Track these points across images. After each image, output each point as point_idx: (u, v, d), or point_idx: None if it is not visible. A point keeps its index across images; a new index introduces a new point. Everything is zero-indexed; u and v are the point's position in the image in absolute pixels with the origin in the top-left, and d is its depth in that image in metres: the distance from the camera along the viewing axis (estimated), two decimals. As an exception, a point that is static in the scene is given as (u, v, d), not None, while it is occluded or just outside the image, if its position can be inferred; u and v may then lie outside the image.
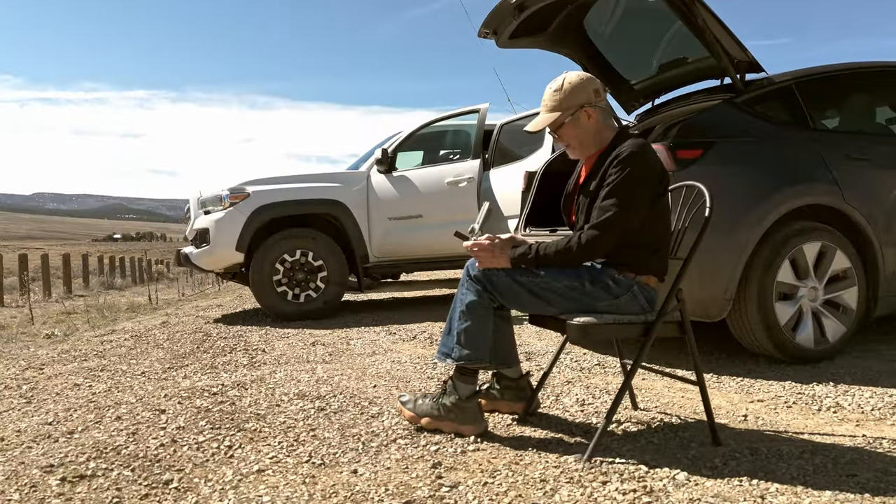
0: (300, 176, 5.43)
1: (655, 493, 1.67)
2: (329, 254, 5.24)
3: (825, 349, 3.12)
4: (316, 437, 2.20)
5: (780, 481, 1.74)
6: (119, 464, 1.99)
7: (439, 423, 2.16)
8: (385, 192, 5.42)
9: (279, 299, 5.20)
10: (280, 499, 1.70)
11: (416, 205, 5.40)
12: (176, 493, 1.78)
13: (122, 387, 3.09)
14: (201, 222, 5.29)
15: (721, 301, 3.02)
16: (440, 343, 2.20)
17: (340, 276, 5.28)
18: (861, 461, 1.87)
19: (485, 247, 2.08)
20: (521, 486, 1.74)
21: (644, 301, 2.01)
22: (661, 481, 1.75)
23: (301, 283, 5.23)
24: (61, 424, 2.47)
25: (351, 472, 1.88)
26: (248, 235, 5.13)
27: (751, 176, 3.07)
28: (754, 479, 1.75)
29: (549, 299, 2.04)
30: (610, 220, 1.92)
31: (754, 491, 1.67)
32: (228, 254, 5.17)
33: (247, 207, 5.15)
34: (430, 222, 5.36)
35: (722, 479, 1.75)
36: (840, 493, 1.66)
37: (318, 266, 5.25)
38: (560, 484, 1.75)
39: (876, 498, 1.62)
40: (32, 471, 1.95)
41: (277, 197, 5.23)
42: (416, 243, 5.43)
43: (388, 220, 5.42)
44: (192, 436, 2.25)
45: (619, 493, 1.67)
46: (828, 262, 3.12)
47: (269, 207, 5.19)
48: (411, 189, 5.42)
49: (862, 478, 1.75)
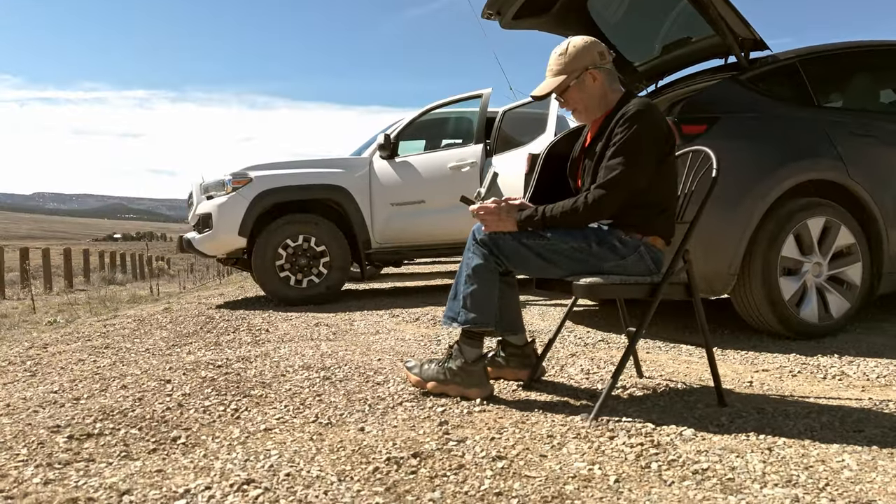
0: (303, 161, 5.43)
1: (663, 447, 1.67)
2: (331, 239, 5.24)
3: (829, 325, 3.12)
4: (322, 401, 2.20)
5: (787, 436, 1.74)
6: (126, 424, 1.99)
7: (445, 386, 2.17)
8: (387, 177, 5.42)
9: (282, 284, 5.20)
10: (287, 452, 1.70)
11: (418, 190, 5.40)
12: (184, 447, 1.78)
13: (126, 361, 3.09)
14: (204, 207, 5.29)
15: (725, 276, 3.02)
16: (446, 308, 2.21)
17: (343, 262, 5.28)
18: (868, 420, 1.87)
19: (491, 210, 2.08)
20: (528, 440, 1.74)
21: (650, 262, 2.02)
22: (668, 436, 1.75)
23: (304, 269, 5.23)
24: (67, 393, 2.47)
25: (358, 429, 1.88)
26: (250, 220, 5.13)
27: (755, 151, 3.07)
28: (761, 434, 1.75)
29: (556, 261, 2.04)
30: (616, 178, 1.92)
31: (762, 444, 1.67)
32: (231, 238, 5.17)
33: (249, 192, 5.15)
34: (433, 208, 5.36)
35: (729, 435, 1.76)
36: (848, 445, 1.66)
37: (320, 251, 5.25)
38: (567, 439, 1.75)
39: (884, 450, 1.62)
40: (39, 431, 1.95)
41: (280, 182, 5.23)
42: (419, 229, 5.43)
43: (390, 206, 5.42)
44: (199, 401, 2.25)
45: (626, 446, 1.67)
46: (832, 237, 3.12)
47: (272, 192, 5.19)
48: (414, 174, 5.42)
49: (869, 433, 1.75)
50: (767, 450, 1.64)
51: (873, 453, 1.60)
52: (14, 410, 2.23)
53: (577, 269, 2.02)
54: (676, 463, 1.56)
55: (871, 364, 2.55)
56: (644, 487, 1.42)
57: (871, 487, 1.39)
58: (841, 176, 3.13)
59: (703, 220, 2.69)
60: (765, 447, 1.65)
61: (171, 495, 1.43)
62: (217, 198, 5.23)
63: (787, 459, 1.57)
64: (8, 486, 1.51)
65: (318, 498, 1.40)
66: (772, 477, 1.46)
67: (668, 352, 2.95)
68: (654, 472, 1.51)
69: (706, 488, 1.41)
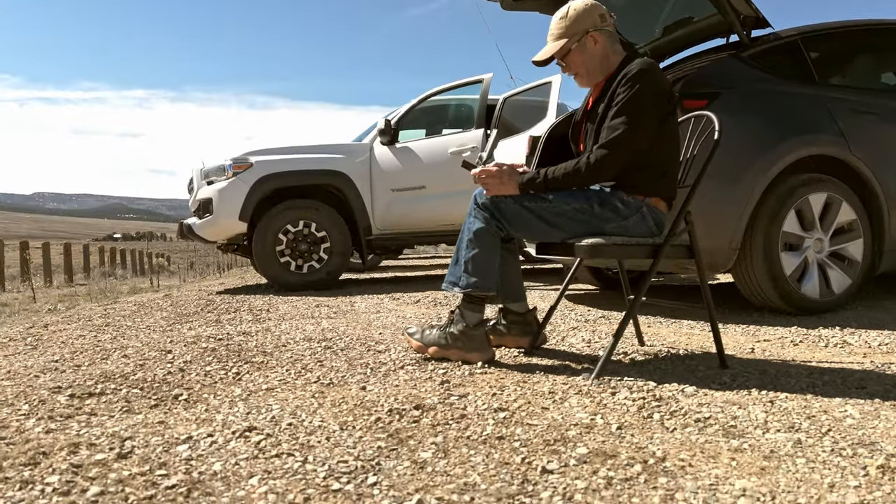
0: (303, 147, 5.42)
1: (665, 400, 1.67)
2: (332, 225, 5.23)
3: (830, 300, 3.12)
4: (323, 366, 2.20)
5: (789, 391, 1.74)
6: (127, 385, 1.99)
7: (446, 351, 2.16)
8: (388, 163, 5.42)
9: (282, 270, 5.19)
10: (289, 407, 1.69)
11: (419, 176, 5.39)
12: (186, 403, 1.77)
13: (127, 335, 3.09)
14: (204, 192, 5.29)
15: (727, 251, 3.02)
16: (447, 273, 2.20)
17: (343, 247, 5.27)
18: (870, 379, 1.87)
19: (493, 173, 2.08)
20: (529, 396, 1.74)
21: (653, 223, 2.01)
22: (670, 392, 1.75)
23: (304, 254, 5.22)
24: (67, 361, 2.46)
25: (360, 388, 1.88)
26: (251, 205, 5.12)
27: (756, 126, 3.07)
28: (763, 390, 1.75)
29: (558, 224, 2.03)
30: (619, 138, 1.92)
31: (764, 398, 1.67)
32: (232, 223, 5.16)
33: (250, 177, 5.15)
34: (434, 193, 5.35)
35: (731, 391, 1.76)
36: (850, 399, 1.66)
37: (321, 237, 5.24)
38: (569, 395, 1.74)
39: (887, 402, 1.62)
40: (41, 391, 1.94)
41: (280, 167, 5.22)
42: (420, 215, 5.42)
43: (391, 192, 5.41)
44: (200, 367, 2.25)
45: (628, 400, 1.67)
46: (833, 213, 3.12)
47: (273, 177, 5.19)
48: (414, 160, 5.41)
49: (871, 389, 1.75)
50: (769, 402, 1.63)
51: (876, 405, 1.60)
52: (16, 375, 2.23)
53: (579, 231, 2.01)
54: (678, 413, 1.56)
55: (872, 334, 2.55)
56: (646, 433, 1.42)
57: (873, 432, 1.39)
58: (842, 152, 3.12)
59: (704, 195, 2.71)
60: (767, 400, 1.65)
61: (174, 441, 1.43)
62: (217, 183, 5.22)
63: (790, 410, 1.57)
64: (9, 435, 1.51)
65: (320, 443, 1.40)
66: (774, 424, 1.46)
67: (669, 326, 2.95)
68: (656, 421, 1.50)
69: (708, 434, 1.41)
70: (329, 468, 1.24)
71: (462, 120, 5.82)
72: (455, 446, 1.35)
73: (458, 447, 1.35)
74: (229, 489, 1.15)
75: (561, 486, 1.14)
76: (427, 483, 1.16)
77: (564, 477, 1.17)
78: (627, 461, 1.24)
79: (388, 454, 1.31)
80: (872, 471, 1.17)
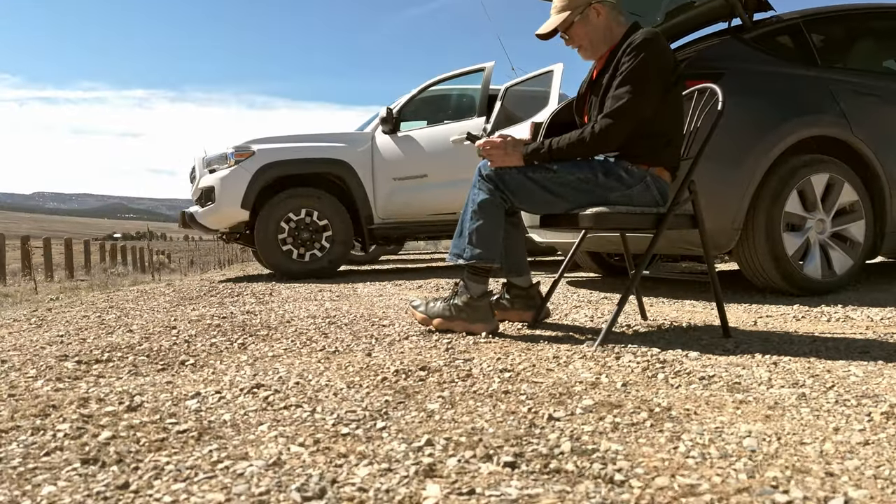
0: (306, 135, 5.42)
1: (669, 362, 1.68)
2: (334, 213, 5.24)
3: (832, 281, 3.13)
4: (328, 337, 2.21)
5: (792, 355, 1.75)
6: (134, 354, 2.00)
7: (451, 323, 2.17)
8: (390, 152, 5.43)
9: (284, 258, 5.20)
10: (296, 370, 1.70)
11: (420, 164, 5.40)
12: (192, 367, 1.78)
13: (131, 315, 3.10)
14: (206, 181, 5.29)
15: (729, 231, 3.02)
16: (451, 245, 2.21)
17: (345, 236, 5.28)
18: (873, 346, 1.88)
19: (497, 144, 2.08)
20: (534, 360, 1.75)
21: (657, 193, 2.02)
22: (674, 356, 1.76)
23: (306, 243, 5.23)
24: (73, 336, 2.47)
25: (365, 355, 1.89)
26: (253, 193, 5.13)
27: (758, 106, 3.07)
28: (766, 354, 1.76)
29: (562, 194, 2.04)
30: (623, 107, 1.93)
31: (767, 361, 1.68)
32: (234, 211, 5.17)
33: (252, 165, 5.15)
34: (435, 181, 5.36)
35: (735, 356, 1.76)
36: (853, 361, 1.66)
37: (323, 225, 5.25)
38: (573, 359, 1.75)
39: (890, 364, 1.63)
40: (48, 359, 1.95)
41: (282, 155, 5.23)
42: (422, 203, 5.43)
43: (392, 181, 5.42)
44: (205, 339, 2.26)
45: (632, 362, 1.68)
46: (835, 194, 3.12)
47: (274, 166, 5.19)
48: (416, 149, 5.42)
49: (874, 354, 1.76)
50: (773, 364, 1.64)
51: (879, 366, 1.61)
52: (21, 347, 2.24)
53: (584, 200, 2.02)
54: (683, 373, 1.57)
55: (874, 310, 2.56)
56: (651, 389, 1.43)
57: (877, 387, 1.40)
58: (844, 132, 3.13)
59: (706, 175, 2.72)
60: (770, 363, 1.66)
61: (182, 397, 1.44)
62: (220, 171, 5.23)
63: (793, 370, 1.58)
64: (19, 393, 1.52)
65: (327, 398, 1.41)
66: (778, 381, 1.47)
67: (671, 304, 2.96)
68: (660, 380, 1.51)
69: (713, 389, 1.42)
70: (338, 417, 1.25)
71: (464, 109, 5.82)
72: (462, 399, 1.37)
73: (464, 400, 1.36)
74: (239, 434, 1.16)
75: (568, 429, 1.15)
76: (435, 428, 1.17)
77: (571, 423, 1.19)
78: (633, 410, 1.25)
79: (396, 406, 1.32)
80: (877, 416, 1.18)
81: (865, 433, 1.10)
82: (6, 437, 1.17)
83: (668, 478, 0.91)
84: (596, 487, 0.89)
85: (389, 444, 1.08)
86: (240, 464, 1.00)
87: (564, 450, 1.03)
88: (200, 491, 0.90)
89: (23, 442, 1.14)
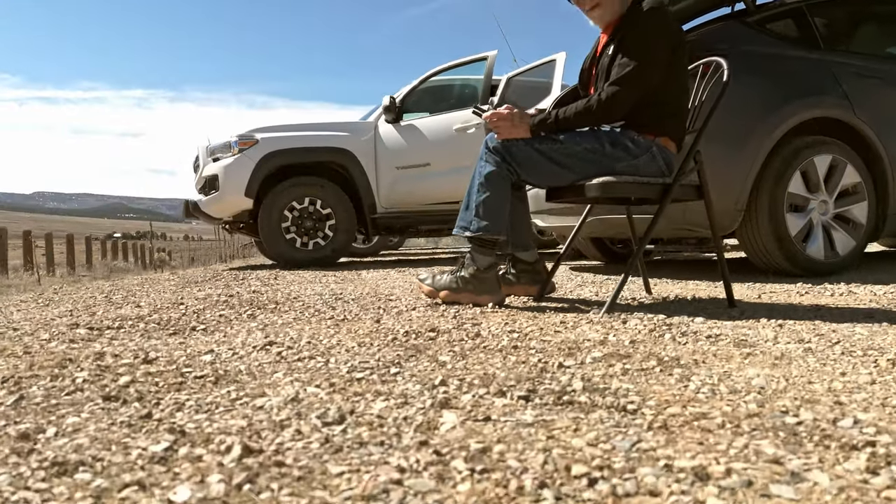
0: (309, 124, 5.44)
1: (675, 325, 1.70)
2: (337, 202, 5.25)
3: (835, 262, 3.14)
4: (335, 309, 2.23)
5: (797, 319, 1.77)
6: (144, 322, 2.02)
7: (457, 295, 2.19)
8: (393, 141, 5.44)
9: (288, 246, 5.21)
10: (307, 334, 1.72)
11: (423, 153, 5.41)
12: (203, 332, 1.80)
13: (138, 295, 3.12)
14: (210, 169, 5.31)
15: (732, 212, 3.04)
16: (458, 219, 2.22)
17: (348, 225, 5.29)
18: (877, 313, 1.90)
19: (504, 116, 2.10)
20: (542, 325, 1.77)
21: (663, 163, 2.04)
22: (681, 320, 1.78)
23: (310, 231, 5.24)
24: (82, 311, 2.49)
25: (374, 322, 1.91)
26: (256, 181, 5.13)
27: (761, 88, 3.09)
28: (772, 319, 1.78)
29: (569, 165, 2.06)
30: (630, 74, 1.95)
31: (773, 324, 1.70)
32: (237, 200, 5.18)
33: (256, 153, 5.16)
34: (438, 170, 5.37)
35: (740, 321, 1.78)
36: (858, 324, 1.69)
37: (326, 214, 5.26)
38: (580, 324, 1.77)
39: (894, 325, 1.64)
40: (60, 327, 1.97)
41: (286, 144, 5.24)
42: (424, 192, 5.43)
43: (395, 170, 5.43)
44: (214, 312, 2.27)
45: (639, 325, 1.70)
46: (838, 176, 3.14)
47: (278, 154, 5.20)
48: (419, 137, 5.43)
49: (879, 318, 1.78)
50: (779, 326, 1.66)
51: (884, 327, 1.63)
52: (33, 319, 2.26)
53: (590, 171, 2.04)
54: (689, 333, 1.58)
55: (878, 286, 2.57)
56: (659, 346, 1.45)
57: (883, 342, 1.42)
58: (846, 114, 3.15)
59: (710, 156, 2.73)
60: (776, 325, 1.68)
61: (196, 353, 1.46)
62: (223, 159, 5.24)
63: (798, 330, 1.60)
64: (35, 351, 1.54)
65: (340, 353, 1.43)
66: (784, 339, 1.49)
67: (676, 283, 2.98)
68: (668, 339, 1.53)
69: (720, 345, 1.44)
70: (351, 366, 1.27)
71: (466, 99, 5.83)
72: (472, 353, 1.39)
73: (475, 353, 1.38)
74: (255, 379, 1.18)
75: (579, 373, 1.17)
76: (448, 373, 1.19)
77: (581, 369, 1.20)
78: (642, 360, 1.27)
79: (408, 359, 1.34)
80: (883, 363, 1.20)
81: (872, 375, 1.12)
82: (26, 382, 1.19)
83: (680, 408, 0.93)
84: (609, 415, 0.91)
85: (404, 386, 1.10)
86: (258, 400, 1.02)
87: (576, 388, 1.05)
88: (223, 419, 0.92)
89: (43, 386, 1.15)
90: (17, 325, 2.03)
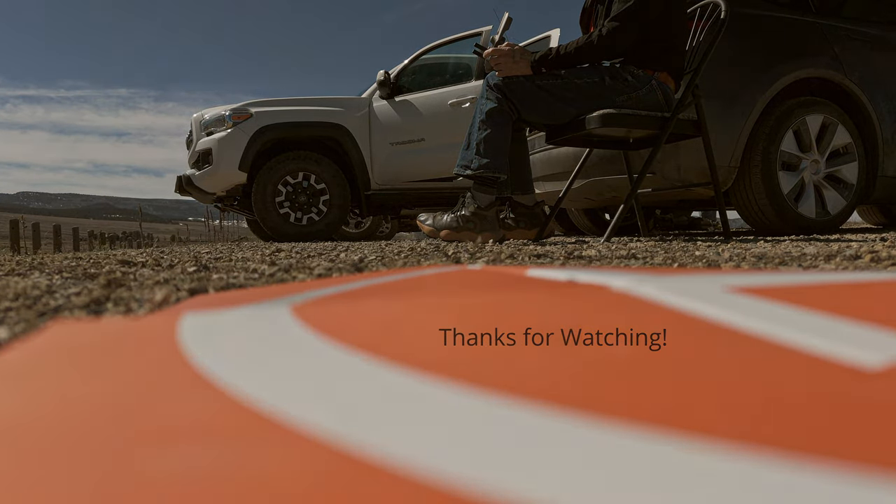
0: (304, 99, 5.44)
1: (678, 243, 1.73)
2: (331, 177, 5.25)
3: (826, 220, 3.20)
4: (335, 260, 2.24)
5: (790, 243, 1.81)
6: (150, 265, 2.02)
7: (458, 233, 2.21)
8: (387, 116, 5.45)
9: (281, 220, 5.20)
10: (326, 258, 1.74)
11: (418, 128, 5.42)
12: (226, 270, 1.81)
13: (138, 258, 3.12)
14: (204, 143, 5.29)
15: (726, 169, 3.08)
16: (459, 158, 2.25)
17: (342, 200, 5.29)
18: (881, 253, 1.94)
19: (505, 53, 2.13)
20: (544, 251, 1.80)
21: (661, 97, 2.07)
22: (682, 244, 1.81)
23: (303, 206, 5.24)
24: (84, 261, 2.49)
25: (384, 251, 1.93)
26: (250, 155, 5.13)
27: (755, 47, 3.13)
28: (767, 243, 1.82)
29: (570, 99, 2.09)
30: (630, 9, 1.98)
31: (768, 242, 1.74)
32: (231, 174, 5.17)
33: (249, 127, 5.16)
34: (433, 145, 5.38)
35: (736, 244, 1.82)
36: (852, 244, 1.72)
37: (320, 189, 5.26)
38: (581, 248, 1.80)
39: (884, 245, 1.69)
40: (63, 271, 1.97)
41: (280, 118, 5.24)
42: (419, 167, 5.44)
43: (390, 146, 5.43)
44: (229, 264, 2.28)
45: (640, 245, 1.73)
46: (829, 136, 3.19)
47: (272, 128, 5.20)
48: (414, 113, 5.44)
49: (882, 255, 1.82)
50: (775, 242, 1.70)
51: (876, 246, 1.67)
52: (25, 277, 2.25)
53: (591, 106, 2.07)
54: (692, 245, 1.62)
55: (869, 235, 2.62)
56: (669, 250, 1.48)
57: (877, 252, 1.46)
58: (838, 75, 3.20)
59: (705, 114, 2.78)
60: (771, 242, 1.72)
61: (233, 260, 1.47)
62: (217, 133, 5.23)
63: (794, 244, 1.63)
64: (49, 268, 1.54)
65: (346, 256, 1.44)
66: (781, 248, 1.53)
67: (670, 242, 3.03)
68: (674, 246, 1.56)
69: (724, 247, 1.47)
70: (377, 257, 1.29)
71: (461, 74, 5.84)
72: (479, 255, 1.41)
73: (482, 256, 1.40)
74: (299, 263, 1.20)
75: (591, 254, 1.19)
76: (462, 256, 1.21)
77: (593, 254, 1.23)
78: (653, 246, 1.30)
79: (420, 259, 1.37)
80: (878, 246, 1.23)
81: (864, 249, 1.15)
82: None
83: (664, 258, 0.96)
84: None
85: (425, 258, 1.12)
86: (307, 261, 1.04)
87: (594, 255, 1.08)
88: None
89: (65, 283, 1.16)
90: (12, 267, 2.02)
